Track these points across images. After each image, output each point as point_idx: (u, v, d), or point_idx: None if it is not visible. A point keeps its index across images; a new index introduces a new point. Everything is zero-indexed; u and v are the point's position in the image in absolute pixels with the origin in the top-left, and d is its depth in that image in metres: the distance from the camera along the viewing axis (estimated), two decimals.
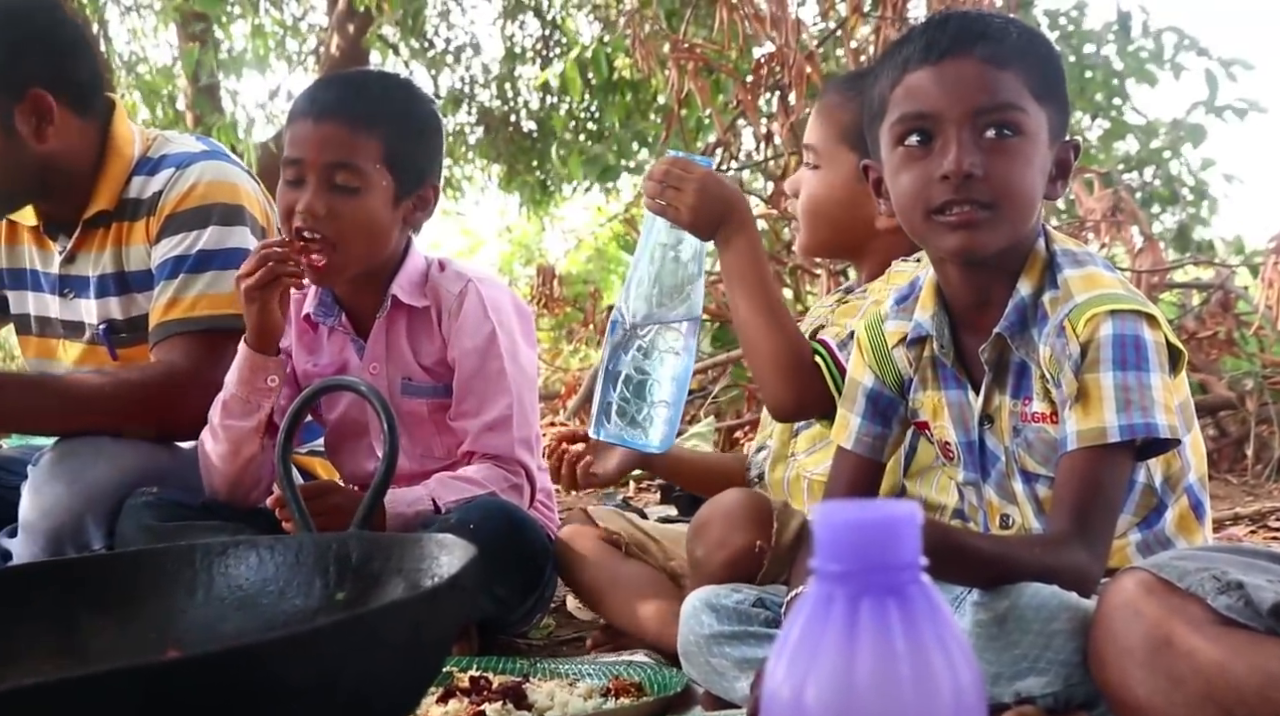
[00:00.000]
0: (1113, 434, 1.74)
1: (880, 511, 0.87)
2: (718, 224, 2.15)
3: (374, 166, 2.53)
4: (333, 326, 2.68)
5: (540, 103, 10.13)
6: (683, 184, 2.12)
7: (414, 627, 1.34)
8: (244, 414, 2.54)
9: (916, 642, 0.85)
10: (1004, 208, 1.79)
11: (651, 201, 2.14)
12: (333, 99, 2.56)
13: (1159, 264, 4.79)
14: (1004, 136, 1.80)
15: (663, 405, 2.11)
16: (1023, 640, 1.63)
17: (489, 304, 2.62)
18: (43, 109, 2.70)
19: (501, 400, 2.58)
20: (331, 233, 2.50)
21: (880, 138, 1.89)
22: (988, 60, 1.80)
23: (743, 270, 2.19)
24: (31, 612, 1.63)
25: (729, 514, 2.14)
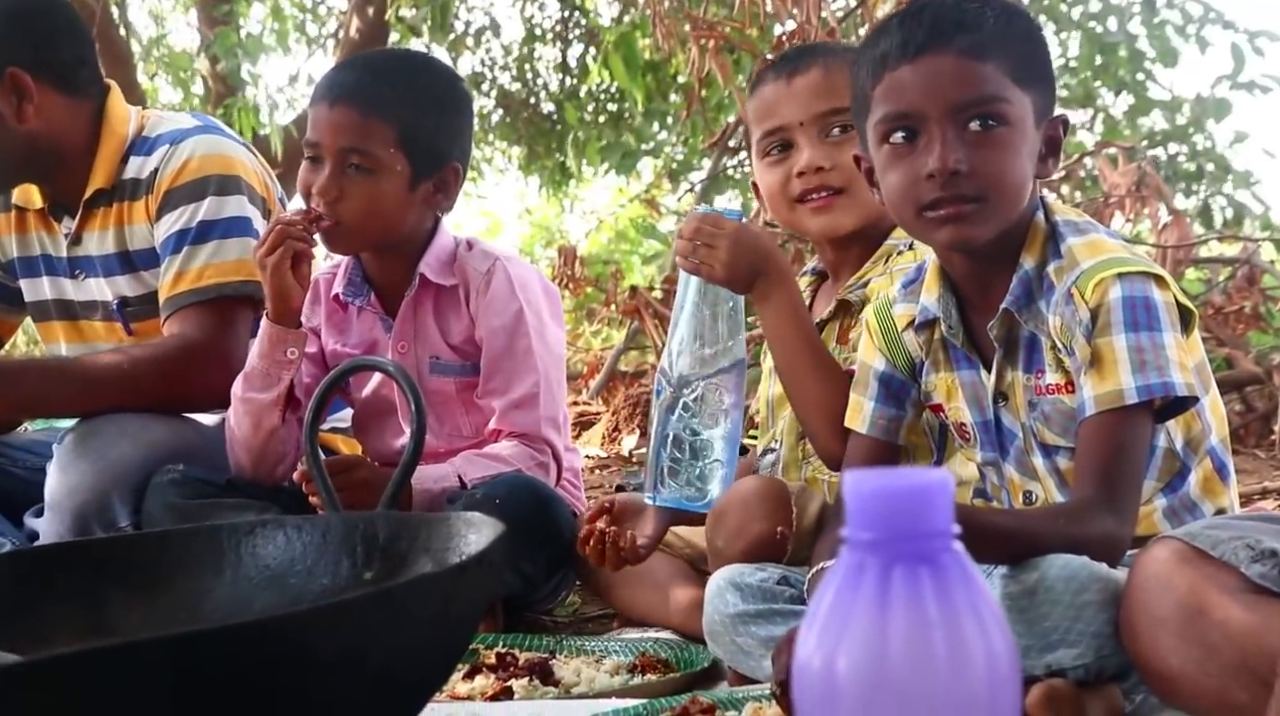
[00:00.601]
0: (1130, 395, 1.73)
1: (912, 479, 0.87)
2: (753, 278, 2.13)
3: (388, 151, 2.53)
4: (362, 306, 2.68)
5: (560, 85, 10.10)
6: (715, 241, 2.09)
7: (442, 602, 1.34)
8: (264, 386, 2.55)
9: (949, 611, 0.84)
10: (992, 200, 1.79)
11: (684, 260, 2.11)
12: (350, 82, 2.58)
13: (1184, 239, 4.76)
14: (988, 127, 1.79)
15: (717, 464, 2.10)
16: (1053, 612, 1.62)
17: (517, 282, 2.62)
18: (22, 88, 2.72)
19: (528, 378, 2.59)
20: (342, 214, 2.52)
21: (866, 132, 1.89)
22: (966, 53, 1.79)
23: (782, 324, 2.17)
24: (59, 593, 1.64)
25: (746, 501, 2.12)
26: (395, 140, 2.54)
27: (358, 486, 2.30)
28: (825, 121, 2.31)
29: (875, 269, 2.33)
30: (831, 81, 2.31)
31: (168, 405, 2.70)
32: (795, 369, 2.18)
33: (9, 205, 2.94)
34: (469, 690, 2.01)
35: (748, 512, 2.10)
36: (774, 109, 2.35)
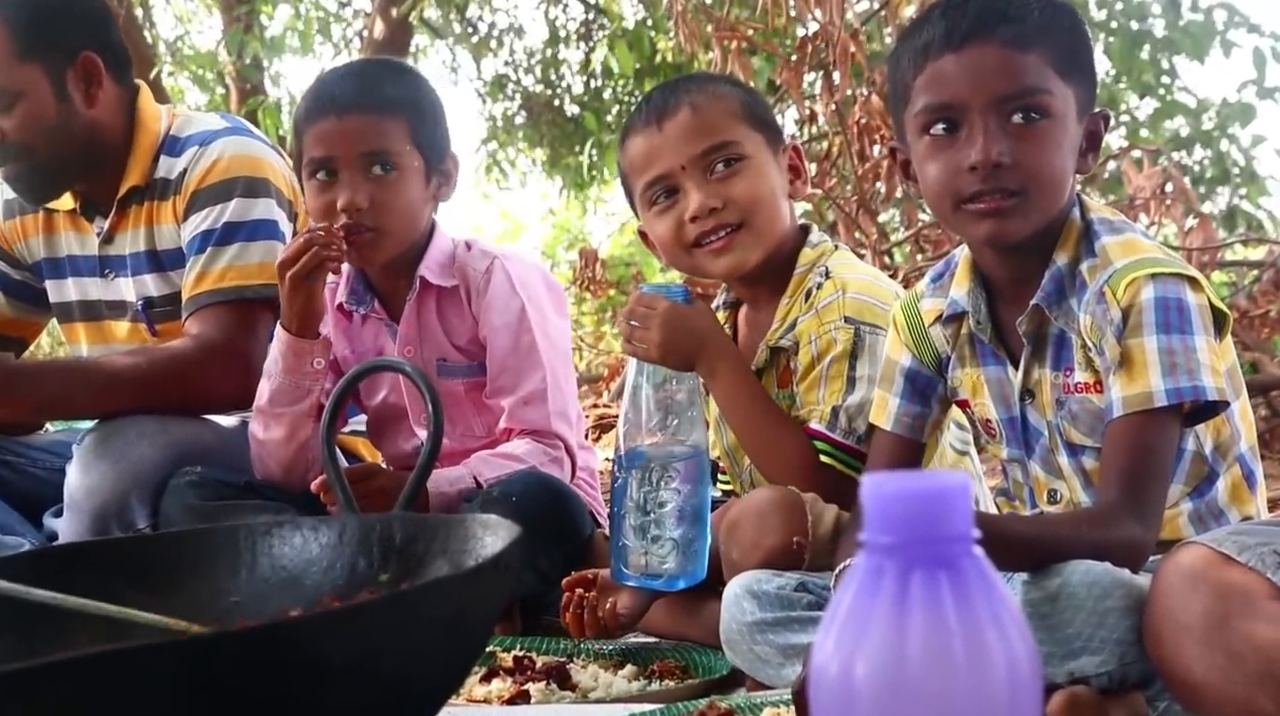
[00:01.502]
0: (1159, 398, 1.71)
1: (931, 482, 0.85)
2: (692, 356, 2.12)
3: (405, 148, 2.55)
4: (366, 313, 2.68)
5: (584, 87, 10.10)
6: (647, 322, 2.10)
7: (458, 606, 1.33)
8: (295, 400, 2.55)
9: (969, 616, 0.82)
10: (1033, 194, 1.77)
11: (626, 343, 2.12)
12: (349, 91, 2.57)
13: (1210, 242, 4.72)
14: (1031, 120, 1.77)
15: (671, 543, 2.06)
16: (1075, 618, 1.60)
17: (516, 280, 2.62)
18: (92, 72, 2.73)
19: (535, 374, 2.58)
20: (377, 222, 2.52)
21: (905, 124, 1.87)
22: (1010, 44, 1.77)
23: (732, 395, 2.19)
24: (75, 593, 1.63)
25: (761, 513, 2.08)
26: (409, 137, 2.56)
27: (376, 494, 2.30)
28: (706, 160, 2.27)
29: (796, 307, 2.28)
30: (702, 119, 2.28)
31: (186, 406, 2.70)
32: (755, 436, 2.20)
33: (29, 203, 2.94)
34: (486, 693, 2.00)
35: (762, 525, 2.07)
36: (651, 158, 2.30)
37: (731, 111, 2.30)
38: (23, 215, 2.96)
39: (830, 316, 2.23)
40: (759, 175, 2.28)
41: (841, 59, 4.62)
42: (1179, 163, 6.31)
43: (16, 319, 3.05)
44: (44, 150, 2.73)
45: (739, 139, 2.28)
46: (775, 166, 2.32)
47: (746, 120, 2.30)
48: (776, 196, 2.30)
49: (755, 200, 2.27)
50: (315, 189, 2.55)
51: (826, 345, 2.22)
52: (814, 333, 2.23)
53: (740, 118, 2.30)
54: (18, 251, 2.99)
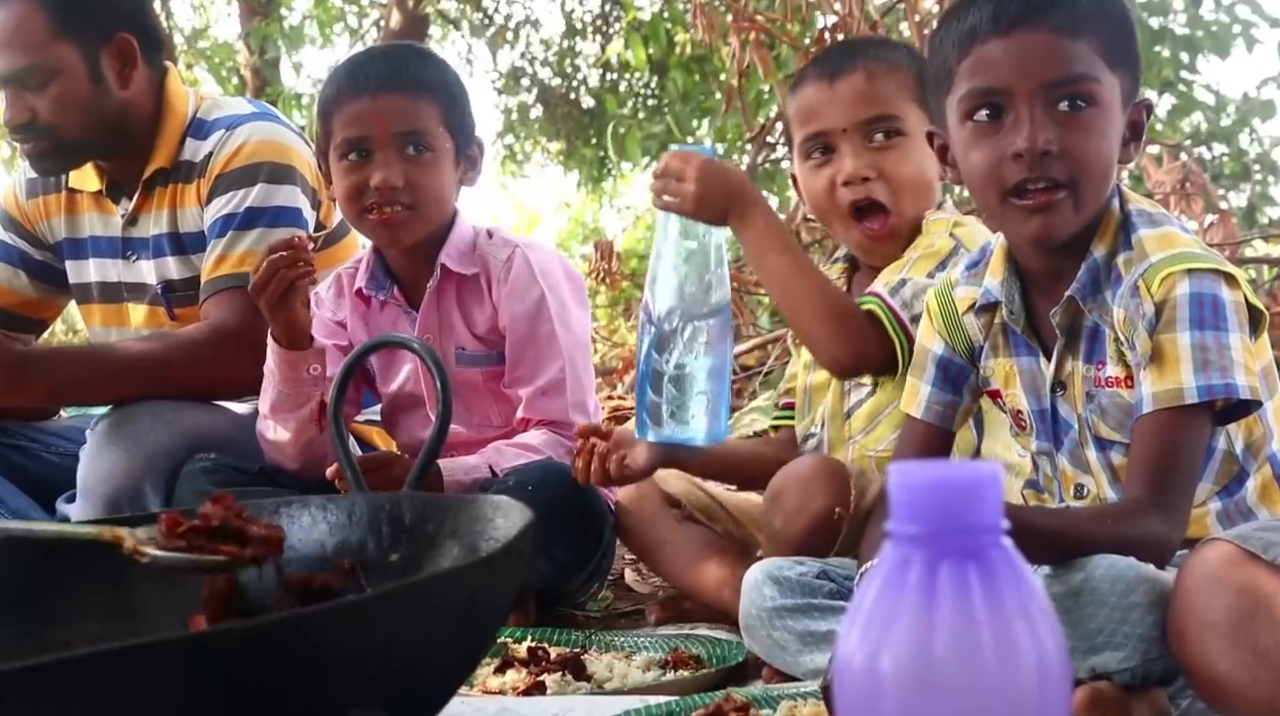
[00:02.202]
0: (1190, 395, 1.68)
1: (960, 471, 0.83)
2: (726, 207, 2.12)
3: (438, 129, 2.55)
4: (385, 299, 2.66)
5: (600, 79, 10.08)
6: (682, 174, 2.10)
7: (470, 596, 1.31)
8: (296, 406, 2.54)
9: (998, 609, 0.81)
10: (1081, 185, 1.74)
11: (658, 198, 2.12)
12: (383, 72, 2.57)
13: (1230, 238, 4.69)
14: (1078, 108, 1.74)
15: (702, 396, 2.07)
16: (1098, 613, 1.57)
17: (537, 268, 2.60)
18: (127, 53, 2.73)
19: (553, 364, 2.57)
20: (412, 201, 2.52)
21: (946, 108, 1.84)
22: (1060, 30, 1.74)
23: (763, 243, 2.16)
24: (86, 573, 1.63)
25: (805, 480, 2.09)
26: (440, 118, 2.56)
27: (392, 483, 2.28)
28: (869, 128, 2.28)
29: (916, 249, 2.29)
30: (874, 87, 2.29)
31: (200, 391, 2.69)
32: (783, 280, 2.17)
33: (60, 186, 2.94)
34: (500, 684, 1.98)
35: (806, 491, 2.07)
36: (816, 112, 2.32)
37: (904, 85, 2.31)
38: (45, 195, 2.96)
39: (938, 228, 2.27)
40: (913, 153, 2.29)
41: None
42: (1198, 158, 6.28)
43: (38, 299, 3.05)
44: (74, 130, 2.73)
45: (903, 114, 2.29)
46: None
47: (917, 97, 2.30)
48: (928, 176, 2.31)
49: (905, 177, 2.29)
50: (346, 169, 2.54)
51: (925, 246, 2.24)
52: (920, 243, 2.26)
53: (912, 94, 2.30)
54: (40, 231, 2.98)
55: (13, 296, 3.01)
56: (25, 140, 2.77)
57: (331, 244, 2.89)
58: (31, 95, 2.70)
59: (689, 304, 2.06)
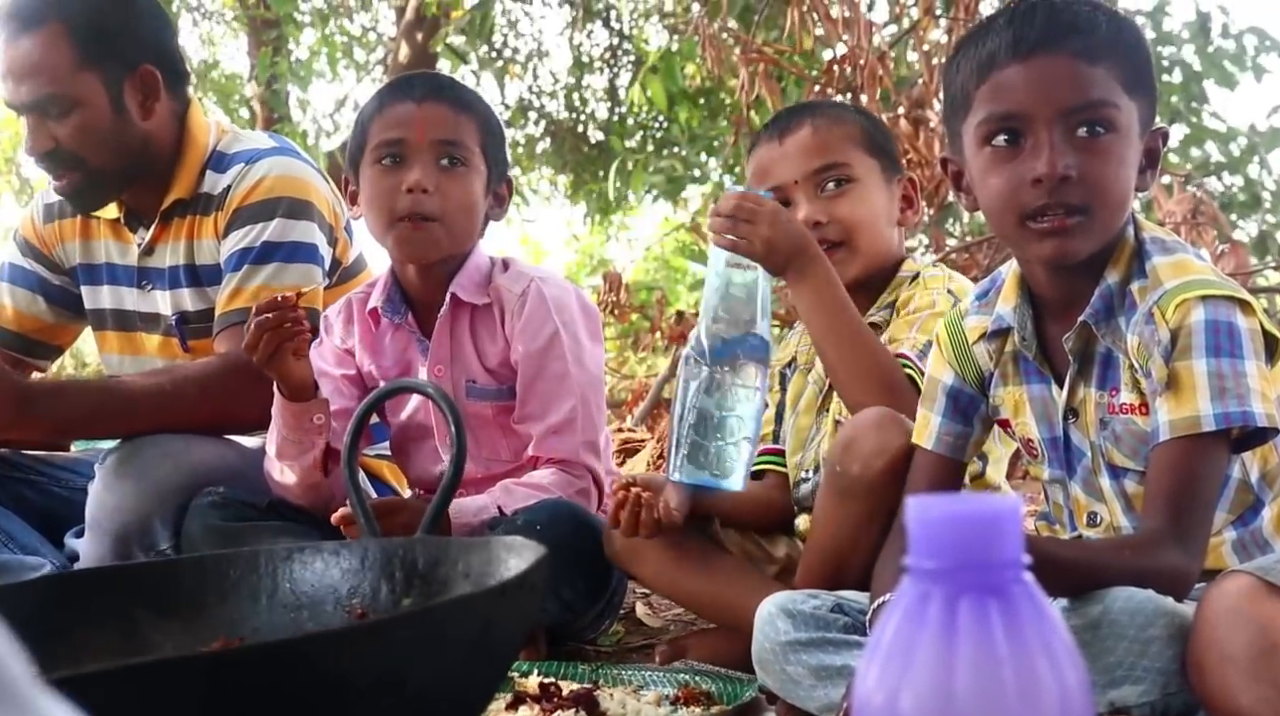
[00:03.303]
0: (1207, 423, 1.67)
1: (980, 505, 0.82)
2: (789, 259, 2.14)
3: (475, 149, 2.56)
4: (399, 323, 2.65)
5: (608, 112, 10.11)
6: (755, 217, 2.11)
7: (483, 624, 1.30)
8: (300, 452, 2.52)
9: (1019, 645, 0.79)
10: (1098, 211, 1.74)
11: (721, 237, 2.11)
12: (430, 85, 2.60)
13: (1242, 267, 4.68)
14: (1096, 134, 1.73)
15: (745, 443, 2.07)
16: (1117, 647, 1.56)
17: (552, 303, 2.58)
18: (151, 84, 2.73)
19: (565, 403, 2.54)
20: (439, 210, 2.51)
21: (963, 133, 1.83)
22: (1079, 56, 1.74)
23: (821, 301, 2.17)
24: (95, 617, 1.62)
25: (880, 424, 2.06)
26: (480, 141, 2.57)
27: (402, 530, 2.26)
28: (818, 178, 2.39)
29: (893, 296, 2.36)
30: (821, 139, 2.41)
31: (210, 426, 2.68)
32: (837, 342, 2.17)
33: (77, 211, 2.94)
34: None
35: (882, 431, 2.04)
36: (769, 169, 2.44)
37: (850, 136, 2.43)
38: (61, 219, 2.96)
39: (936, 284, 2.33)
40: (866, 199, 2.40)
41: (869, 82, 4.60)
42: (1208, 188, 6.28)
43: (55, 325, 3.05)
44: (95, 160, 2.73)
45: (852, 162, 2.40)
46: (886, 193, 2.43)
47: (864, 146, 2.42)
48: (880, 221, 2.41)
49: (858, 221, 2.38)
50: (379, 174, 2.53)
51: (927, 303, 2.29)
52: (917, 296, 2.31)
53: (858, 143, 2.42)
54: (56, 255, 2.99)
55: (31, 321, 3.02)
56: (52, 171, 2.77)
57: (347, 280, 2.88)
58: (54, 123, 2.70)
59: (738, 343, 2.06)
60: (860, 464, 2.04)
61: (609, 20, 9.85)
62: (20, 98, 2.70)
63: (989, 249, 4.80)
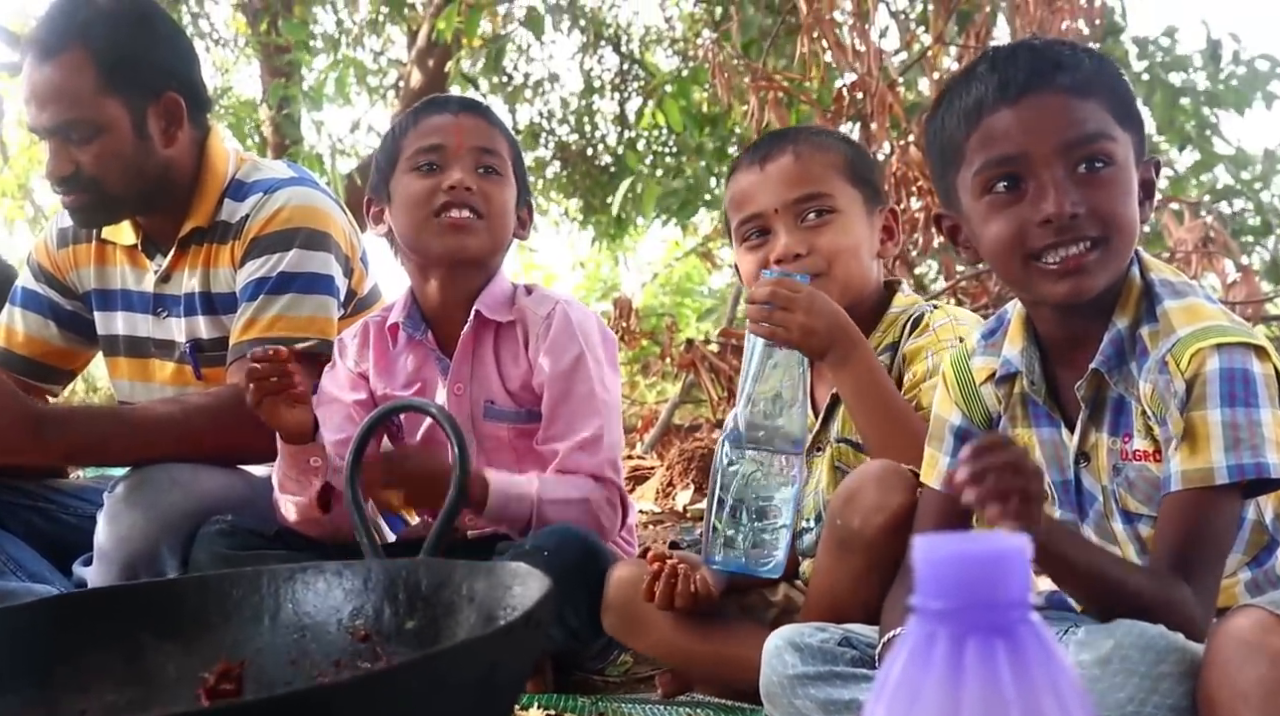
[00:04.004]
0: (1220, 475, 1.64)
1: (987, 544, 0.81)
2: (829, 344, 2.12)
3: (508, 163, 2.62)
4: (419, 338, 2.66)
5: (618, 137, 10.12)
6: (791, 304, 2.08)
7: (488, 667, 1.29)
8: (300, 489, 2.52)
9: (1027, 687, 0.78)
10: (1111, 240, 1.71)
11: (757, 325, 2.09)
12: (463, 101, 2.68)
13: (1253, 295, 4.67)
14: (1096, 169, 1.71)
15: (783, 530, 2.05)
16: (1128, 683, 1.54)
17: (577, 326, 2.61)
18: (174, 112, 2.74)
19: (592, 421, 2.56)
20: (485, 210, 2.56)
21: (957, 186, 1.80)
22: (1069, 92, 1.72)
23: (863, 387, 2.15)
24: (99, 639, 1.62)
25: (882, 478, 2.03)
26: (511, 157, 2.63)
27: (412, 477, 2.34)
28: (799, 208, 2.34)
29: (890, 337, 2.31)
30: (804, 167, 2.35)
31: (220, 455, 2.68)
32: (885, 426, 2.15)
33: (92, 237, 2.94)
34: None
35: (884, 487, 2.02)
36: (750, 196, 2.38)
37: (832, 164, 2.38)
38: (75, 244, 2.97)
39: (947, 334, 2.26)
40: (847, 229, 2.35)
41: (879, 110, 4.60)
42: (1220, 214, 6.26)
43: (67, 349, 3.06)
44: (115, 185, 2.74)
45: (834, 192, 2.35)
46: (867, 224, 2.39)
47: (846, 175, 2.37)
48: (861, 251, 2.37)
49: (838, 251, 2.33)
50: (416, 178, 2.58)
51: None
52: (931, 348, 2.25)
53: (840, 172, 2.37)
54: (70, 280, 2.99)
55: (42, 345, 3.02)
56: (68, 192, 2.78)
57: (362, 310, 2.89)
58: (75, 148, 2.71)
59: (775, 431, 2.03)
60: (860, 518, 2.02)
61: (619, 45, 9.87)
62: (43, 122, 2.71)
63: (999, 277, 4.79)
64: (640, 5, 14.63)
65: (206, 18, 9.63)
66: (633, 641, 2.39)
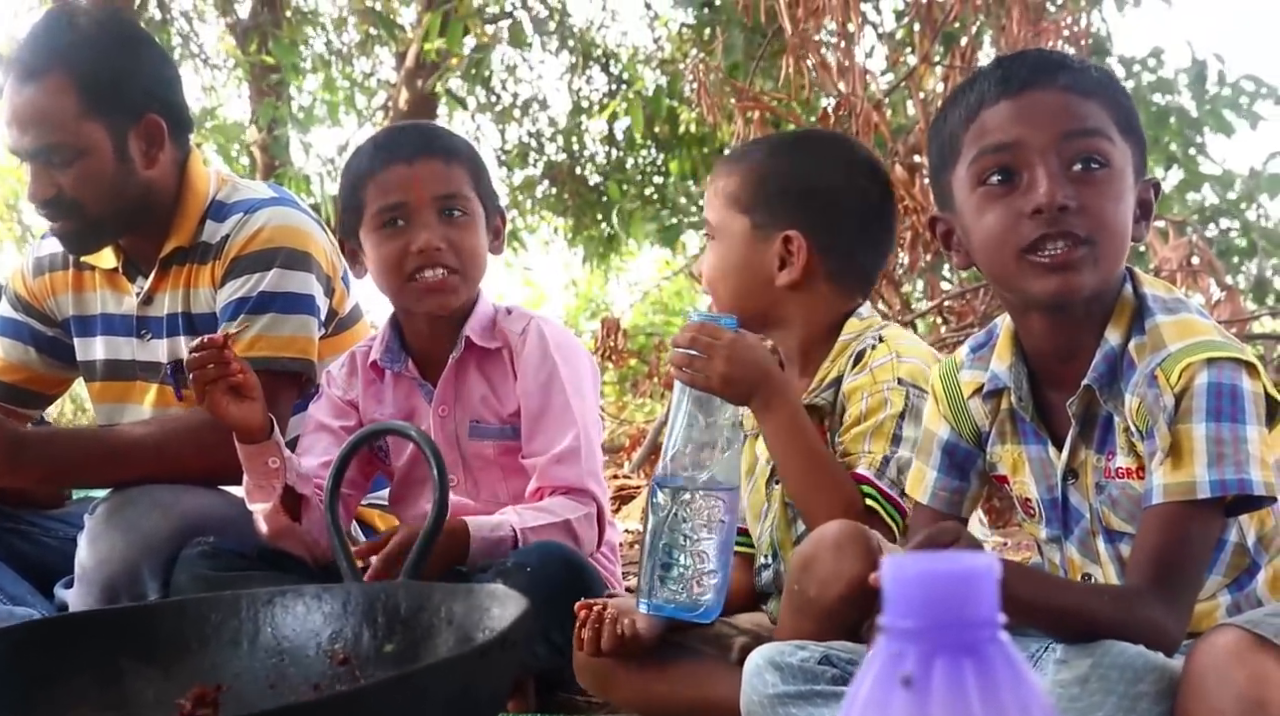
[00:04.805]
0: (1202, 489, 1.63)
1: (955, 563, 0.81)
2: (751, 390, 2.08)
3: (471, 194, 2.60)
4: (399, 371, 2.66)
5: (607, 157, 10.15)
6: (711, 351, 2.05)
7: (463, 686, 1.29)
8: (265, 497, 2.51)
9: (995, 706, 0.78)
10: (1101, 242, 1.69)
11: (679, 371, 2.06)
12: (415, 141, 2.63)
13: (1237, 314, 4.68)
14: (1091, 169, 1.69)
15: (712, 572, 2.02)
16: (1106, 702, 1.54)
17: (551, 341, 2.61)
18: (155, 134, 2.73)
19: (569, 432, 2.55)
20: (457, 264, 2.55)
21: (953, 184, 1.79)
22: (1070, 89, 1.71)
23: (786, 432, 2.13)
24: (77, 664, 1.61)
25: (838, 545, 1.97)
26: (473, 186, 2.61)
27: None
28: None
29: (837, 368, 2.25)
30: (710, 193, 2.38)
31: (202, 476, 2.66)
32: (805, 475, 2.13)
33: (68, 263, 2.93)
34: None
35: (840, 555, 1.96)
36: None
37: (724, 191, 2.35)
38: (52, 272, 2.95)
39: (884, 376, 2.20)
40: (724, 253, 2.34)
41: (864, 130, 4.61)
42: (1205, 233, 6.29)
43: (48, 375, 3.04)
44: (96, 208, 2.72)
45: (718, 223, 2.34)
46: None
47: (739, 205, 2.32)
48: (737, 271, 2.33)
49: (713, 277, 2.35)
50: (383, 238, 2.55)
51: (878, 403, 2.18)
52: (867, 390, 2.20)
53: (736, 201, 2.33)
54: (47, 308, 2.98)
55: (22, 372, 3.01)
56: (53, 218, 2.77)
57: (343, 330, 2.88)
58: (57, 171, 2.69)
59: (703, 474, 2.01)
60: (817, 587, 1.96)
61: (608, 65, 9.90)
62: (24, 145, 2.70)
63: (985, 295, 4.80)
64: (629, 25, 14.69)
65: (195, 38, 9.64)
66: (609, 696, 2.37)
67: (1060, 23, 4.99)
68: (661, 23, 9.38)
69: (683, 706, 2.26)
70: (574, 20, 9.47)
